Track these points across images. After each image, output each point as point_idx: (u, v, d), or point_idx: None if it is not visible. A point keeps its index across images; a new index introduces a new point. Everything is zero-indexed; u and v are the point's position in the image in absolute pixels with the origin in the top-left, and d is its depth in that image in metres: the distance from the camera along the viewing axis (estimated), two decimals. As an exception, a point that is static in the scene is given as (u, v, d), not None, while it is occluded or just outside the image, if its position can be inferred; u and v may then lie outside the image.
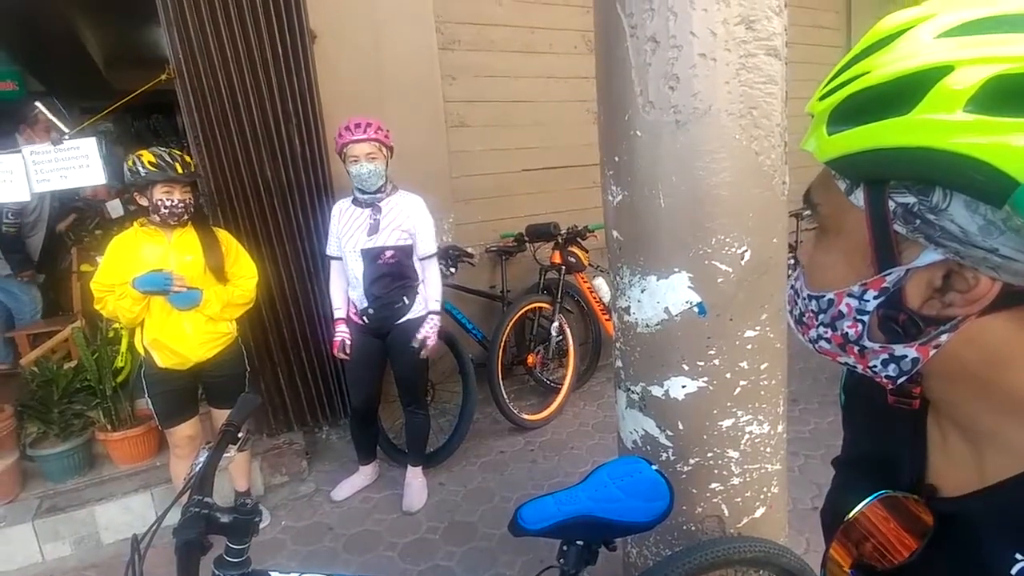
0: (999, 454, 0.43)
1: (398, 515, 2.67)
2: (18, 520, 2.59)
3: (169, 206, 2.23)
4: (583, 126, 3.82)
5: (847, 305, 0.46)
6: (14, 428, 2.77)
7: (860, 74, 0.42)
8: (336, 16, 3.08)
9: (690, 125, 1.32)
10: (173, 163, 2.21)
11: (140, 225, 2.31)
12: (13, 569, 2.55)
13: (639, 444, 1.55)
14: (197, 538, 0.91)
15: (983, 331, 0.40)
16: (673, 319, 1.42)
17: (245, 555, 1.01)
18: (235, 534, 0.99)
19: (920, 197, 0.39)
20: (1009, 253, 0.36)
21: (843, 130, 0.42)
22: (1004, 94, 0.35)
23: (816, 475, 2.69)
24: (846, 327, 0.46)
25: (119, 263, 2.26)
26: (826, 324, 0.48)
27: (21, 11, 5.34)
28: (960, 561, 0.45)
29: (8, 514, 2.63)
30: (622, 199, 1.44)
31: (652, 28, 1.32)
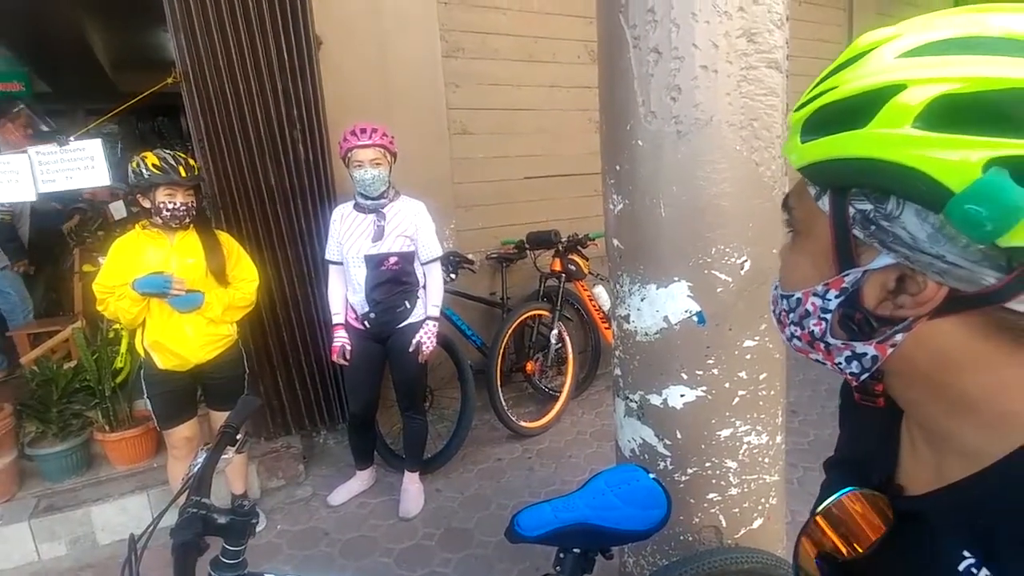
0: (954, 455, 0.46)
1: (394, 521, 2.67)
2: (15, 519, 2.59)
3: (171, 209, 2.24)
4: (585, 135, 3.84)
5: (812, 304, 0.48)
6: (13, 427, 2.76)
7: (831, 88, 0.45)
8: (341, 23, 3.11)
9: (691, 135, 1.33)
10: (177, 166, 2.21)
11: (142, 227, 2.32)
12: (9, 568, 2.54)
13: (637, 453, 1.55)
14: (194, 539, 0.91)
15: (933, 334, 0.42)
16: (672, 328, 1.42)
17: (241, 557, 1.01)
18: (232, 536, 0.99)
19: (876, 204, 0.42)
20: (954, 260, 0.39)
21: (813, 139, 0.45)
22: (947, 112, 0.38)
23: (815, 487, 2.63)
24: (812, 325, 0.49)
25: (121, 265, 2.26)
26: (795, 323, 0.51)
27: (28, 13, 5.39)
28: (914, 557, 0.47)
29: (5, 513, 2.63)
30: (623, 208, 1.45)
31: (655, 39, 1.34)
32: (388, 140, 2.48)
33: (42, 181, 2.73)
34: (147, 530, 0.95)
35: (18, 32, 6.29)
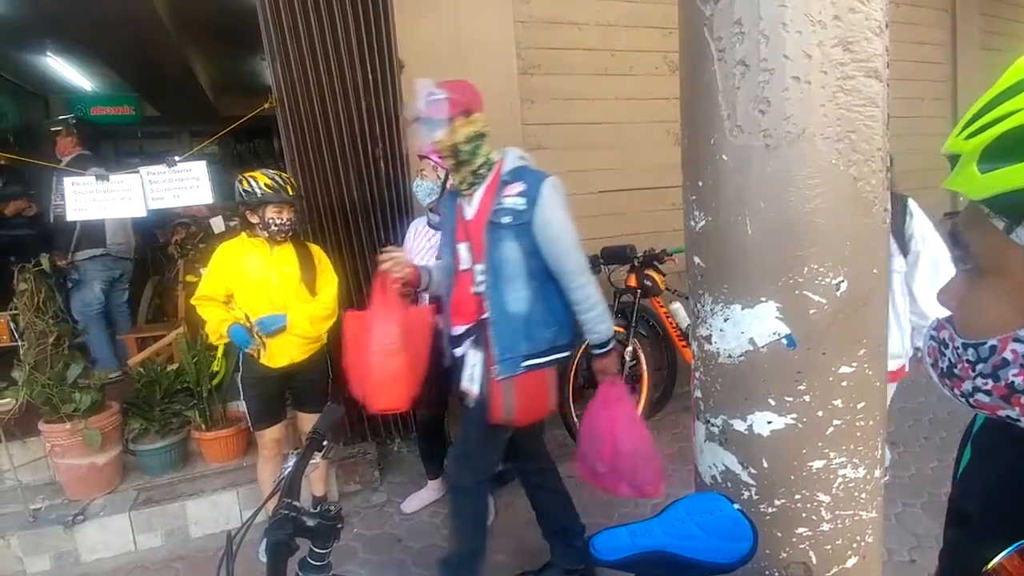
0: None
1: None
2: (116, 510, 2.81)
3: (279, 224, 2.42)
4: (662, 147, 3.77)
5: (1013, 351, 0.42)
6: (119, 424, 3.01)
7: (1012, 111, 0.41)
8: (423, 46, 3.23)
9: (781, 150, 1.27)
10: (285, 185, 2.40)
11: (248, 234, 2.50)
12: (108, 556, 2.74)
13: (719, 480, 1.48)
14: (286, 539, 0.95)
15: None
16: (759, 350, 1.35)
17: (327, 559, 1.05)
18: (319, 538, 1.03)
19: None
20: None
21: (999, 168, 0.41)
22: None
23: (915, 525, 2.47)
24: (1012, 375, 0.43)
25: (222, 271, 2.46)
26: (987, 375, 0.44)
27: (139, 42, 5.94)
28: None
29: (108, 504, 2.85)
30: (705, 224, 1.40)
31: (742, 52, 1.29)
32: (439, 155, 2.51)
33: (152, 199, 2.98)
34: (242, 529, 1.01)
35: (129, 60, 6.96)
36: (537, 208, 1.87)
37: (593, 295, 1.95)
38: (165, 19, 5.43)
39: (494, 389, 1.94)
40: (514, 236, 1.89)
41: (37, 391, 2.78)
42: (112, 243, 3.96)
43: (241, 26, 4.12)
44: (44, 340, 2.83)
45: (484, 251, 1.94)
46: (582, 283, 1.94)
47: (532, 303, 1.92)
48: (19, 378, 2.80)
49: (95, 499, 2.87)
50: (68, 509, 2.80)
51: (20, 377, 2.80)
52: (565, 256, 1.91)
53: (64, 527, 2.69)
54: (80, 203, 2.96)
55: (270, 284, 2.44)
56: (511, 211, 1.89)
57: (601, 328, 1.98)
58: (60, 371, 2.83)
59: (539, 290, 1.94)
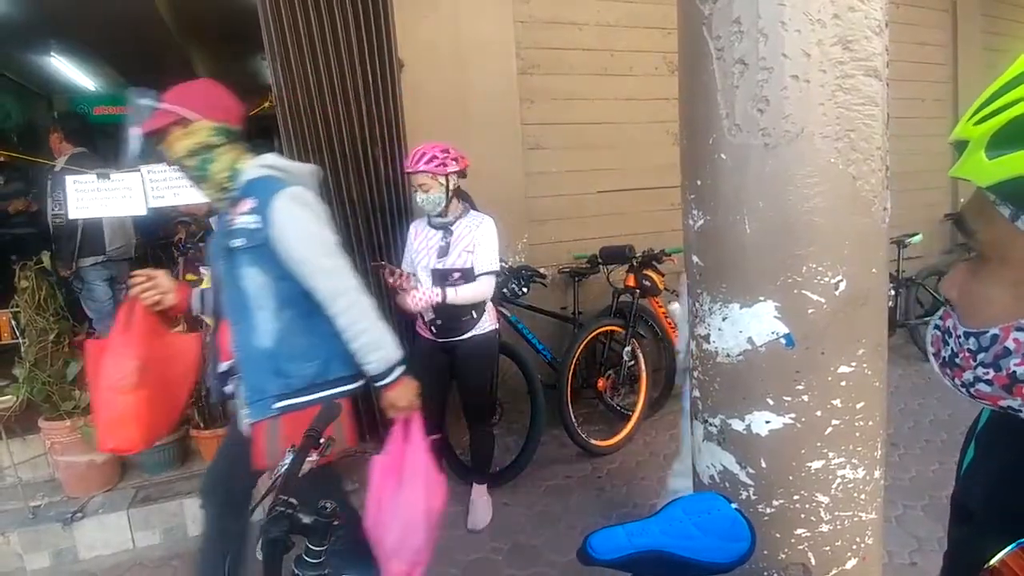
0: None
1: (462, 532, 2.68)
2: (115, 508, 2.80)
3: None
4: (662, 147, 3.77)
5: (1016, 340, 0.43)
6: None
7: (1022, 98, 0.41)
8: (423, 46, 3.24)
9: (780, 148, 1.27)
10: None
11: None
12: (107, 554, 2.73)
13: (716, 480, 1.48)
14: (282, 536, 0.95)
15: None
16: (757, 350, 1.35)
17: (323, 556, 1.05)
18: (315, 536, 1.03)
19: None
20: None
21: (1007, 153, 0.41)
22: None
23: (916, 527, 2.46)
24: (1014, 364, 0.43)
25: None
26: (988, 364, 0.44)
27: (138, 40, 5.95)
28: None
29: (107, 501, 2.85)
30: (704, 224, 1.40)
31: (740, 50, 1.29)
32: (436, 163, 2.46)
33: (152, 197, 2.98)
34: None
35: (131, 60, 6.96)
36: (271, 226, 1.60)
37: (358, 321, 1.67)
38: (167, 19, 5.44)
39: (255, 432, 1.69)
40: (252, 260, 1.63)
41: (37, 388, 2.78)
42: (111, 249, 3.94)
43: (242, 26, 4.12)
44: (45, 338, 2.83)
45: (221, 280, 1.72)
46: (341, 308, 1.65)
47: (285, 335, 1.67)
48: (20, 375, 2.81)
49: (94, 496, 2.87)
50: (67, 506, 2.79)
51: (21, 374, 2.80)
52: (313, 278, 1.63)
53: (63, 524, 2.68)
54: (81, 201, 2.96)
55: None
56: (243, 232, 1.62)
57: (372, 358, 1.69)
58: (60, 369, 2.84)
59: (298, 319, 1.68)
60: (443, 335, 2.64)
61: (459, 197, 2.61)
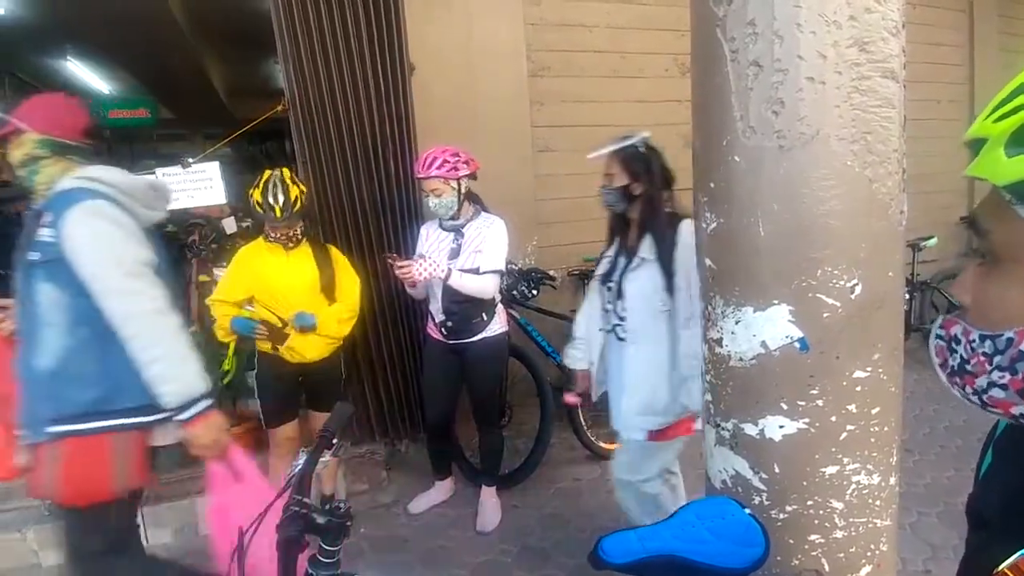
0: None
1: (472, 534, 2.68)
2: (130, 506, 2.83)
3: (274, 238, 2.45)
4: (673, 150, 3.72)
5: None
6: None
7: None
8: (434, 49, 3.25)
9: (795, 151, 1.27)
10: (274, 205, 2.36)
11: (264, 239, 2.51)
12: (122, 552, 2.77)
13: (729, 485, 1.47)
14: (297, 536, 0.95)
15: None
16: (771, 354, 1.34)
17: (337, 556, 1.05)
18: (329, 536, 1.03)
19: None
20: None
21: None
22: None
23: (930, 534, 2.43)
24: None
25: (241, 274, 2.49)
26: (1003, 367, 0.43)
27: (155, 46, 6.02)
28: None
29: (122, 500, 2.87)
30: (717, 227, 1.39)
31: (755, 52, 1.28)
32: (447, 168, 2.47)
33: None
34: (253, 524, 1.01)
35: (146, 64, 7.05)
36: (63, 239, 1.51)
37: (149, 348, 1.53)
38: (181, 23, 5.50)
39: (36, 456, 1.57)
40: (47, 275, 1.55)
41: (52, 388, 2.81)
42: None
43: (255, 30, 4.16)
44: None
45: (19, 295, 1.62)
46: (132, 332, 1.52)
47: (73, 356, 1.55)
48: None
49: (107, 495, 2.90)
50: (81, 505, 2.83)
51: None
52: (104, 298, 1.51)
53: (77, 523, 2.73)
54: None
55: (287, 288, 2.45)
56: (40, 245, 1.55)
57: (165, 390, 1.55)
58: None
59: (94, 340, 1.55)
60: (453, 336, 2.65)
61: (470, 199, 2.61)
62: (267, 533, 1.41)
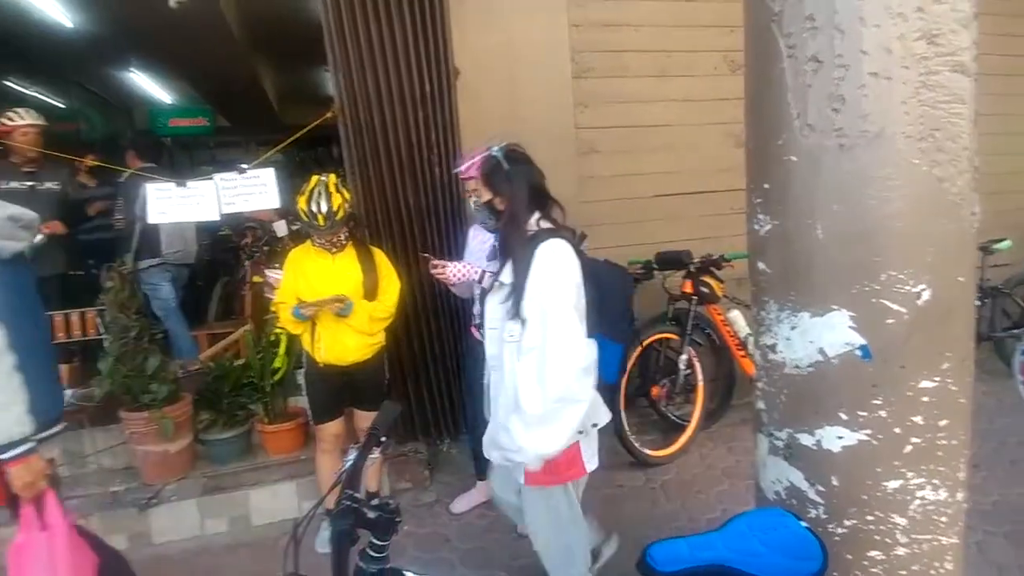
0: None
1: (513, 535, 2.67)
2: (187, 495, 2.94)
3: (320, 243, 2.51)
4: (722, 150, 3.67)
5: None
6: (191, 414, 3.16)
7: None
8: (478, 53, 3.27)
9: (858, 150, 1.22)
10: (317, 214, 2.41)
11: (312, 243, 2.58)
12: (177, 539, 2.87)
13: (782, 496, 1.42)
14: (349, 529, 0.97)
15: None
16: (829, 361, 1.29)
17: (386, 551, 1.07)
18: (379, 530, 1.05)
19: None
20: None
21: None
22: None
23: (998, 555, 2.29)
24: None
25: (292, 275, 2.56)
26: None
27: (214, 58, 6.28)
28: None
29: (179, 489, 2.98)
30: (771, 229, 1.35)
31: (814, 47, 1.24)
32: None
33: (224, 204, 3.12)
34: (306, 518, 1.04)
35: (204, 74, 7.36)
36: None
37: None
38: (238, 35, 5.72)
39: None
40: None
41: (119, 381, 2.95)
42: (168, 251, 4.11)
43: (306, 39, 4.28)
44: (127, 334, 3.00)
45: None
46: None
47: None
48: (104, 369, 2.99)
49: (167, 484, 3.01)
50: (143, 493, 2.94)
51: (105, 368, 2.99)
52: None
53: (139, 509, 2.84)
54: (160, 207, 3.13)
55: (331, 291, 2.50)
56: None
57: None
58: (140, 363, 3.00)
59: None
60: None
61: None
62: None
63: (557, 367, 1.51)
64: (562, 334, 1.53)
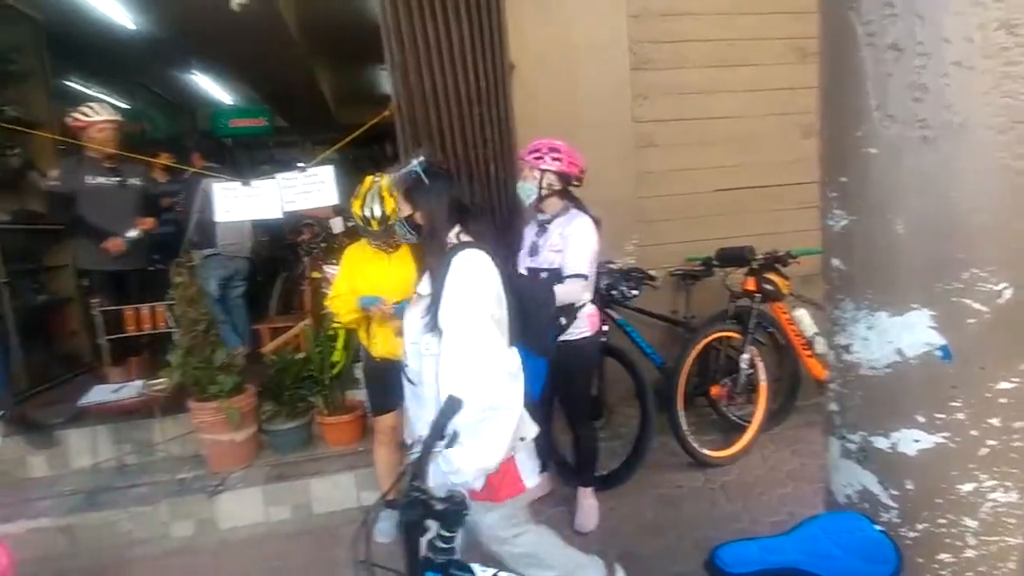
0: None
1: (568, 533, 2.67)
2: (251, 483, 3.06)
3: (375, 244, 2.55)
4: (787, 142, 3.56)
5: None
6: (255, 406, 3.30)
7: None
8: (534, 46, 3.27)
9: (940, 142, 1.17)
10: (370, 220, 2.46)
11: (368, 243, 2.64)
12: (242, 525, 2.99)
13: (854, 500, 1.38)
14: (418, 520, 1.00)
15: None
16: (908, 362, 1.24)
17: (453, 543, 1.09)
18: (446, 522, 1.08)
19: None
20: None
21: None
22: None
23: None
24: None
25: (349, 271, 2.63)
26: None
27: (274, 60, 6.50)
28: None
29: (245, 477, 3.12)
30: (848, 224, 1.30)
31: (894, 34, 1.20)
32: (534, 156, 2.50)
33: (285, 202, 3.24)
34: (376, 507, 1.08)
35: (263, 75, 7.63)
36: None
37: None
38: (296, 37, 5.91)
39: None
40: None
41: (188, 373, 3.11)
42: (222, 244, 4.27)
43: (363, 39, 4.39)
44: (195, 327, 3.16)
45: None
46: None
47: None
48: (173, 361, 3.15)
49: (233, 472, 3.16)
50: (210, 480, 3.09)
51: (174, 360, 3.15)
52: None
53: (206, 496, 2.98)
54: (226, 205, 3.28)
55: (387, 290, 2.55)
56: None
57: None
58: (208, 355, 3.15)
59: None
60: None
61: (563, 196, 2.59)
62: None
63: (481, 375, 1.44)
64: (481, 342, 1.47)
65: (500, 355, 1.49)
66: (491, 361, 1.45)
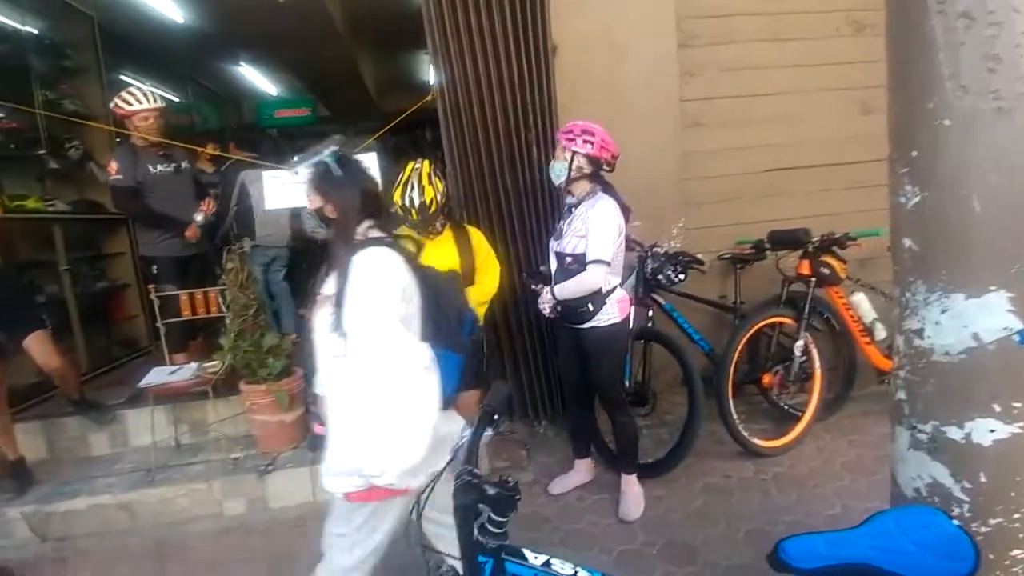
0: None
1: (612, 520, 2.66)
2: (300, 463, 3.13)
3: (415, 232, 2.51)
4: (843, 118, 3.39)
5: None
6: (303, 387, 3.38)
7: None
8: (577, 26, 3.21)
9: (1016, 113, 1.09)
10: (410, 209, 2.47)
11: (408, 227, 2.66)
12: (292, 504, 3.06)
13: (923, 493, 1.31)
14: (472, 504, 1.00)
15: None
16: (984, 348, 1.17)
17: (505, 528, 1.09)
18: (499, 506, 1.07)
19: None
20: None
21: None
22: None
23: None
24: None
25: None
26: None
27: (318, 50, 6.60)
28: None
29: (293, 457, 3.19)
30: (920, 201, 1.22)
31: (965, 3, 1.12)
32: (567, 137, 2.48)
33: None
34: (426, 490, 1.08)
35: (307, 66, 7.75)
36: None
37: None
38: (340, 27, 5.97)
39: None
40: None
41: (239, 356, 3.20)
42: (261, 235, 4.39)
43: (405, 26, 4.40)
44: (246, 312, 3.24)
45: None
46: None
47: None
48: (225, 344, 3.25)
49: (282, 452, 3.25)
50: (261, 460, 3.18)
51: (226, 343, 3.24)
52: None
53: (257, 475, 3.07)
54: (274, 193, 3.35)
55: None
56: None
57: None
58: (258, 339, 3.24)
59: None
60: (567, 320, 2.62)
61: (592, 180, 2.54)
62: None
63: (390, 370, 1.39)
64: (387, 340, 1.41)
65: (409, 351, 1.43)
66: (400, 358, 1.40)
